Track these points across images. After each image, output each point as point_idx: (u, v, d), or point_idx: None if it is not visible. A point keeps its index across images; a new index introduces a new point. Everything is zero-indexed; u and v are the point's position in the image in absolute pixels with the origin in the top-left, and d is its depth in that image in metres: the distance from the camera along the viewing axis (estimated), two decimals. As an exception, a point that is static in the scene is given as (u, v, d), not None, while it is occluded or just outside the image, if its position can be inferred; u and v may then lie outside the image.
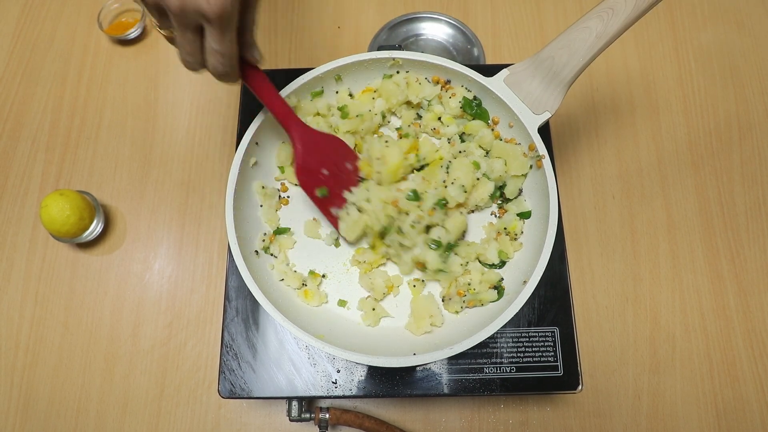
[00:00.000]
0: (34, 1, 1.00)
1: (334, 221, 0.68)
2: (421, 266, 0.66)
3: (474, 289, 0.65)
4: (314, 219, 0.71)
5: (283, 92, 0.68)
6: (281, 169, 0.72)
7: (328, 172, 0.66)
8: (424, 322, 0.63)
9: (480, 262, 0.67)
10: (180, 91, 0.93)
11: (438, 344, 0.61)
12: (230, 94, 0.93)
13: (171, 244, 0.84)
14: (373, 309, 0.65)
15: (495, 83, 0.67)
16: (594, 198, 0.86)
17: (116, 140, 0.90)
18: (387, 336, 0.65)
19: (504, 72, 0.68)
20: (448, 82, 0.71)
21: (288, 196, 0.72)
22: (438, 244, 0.64)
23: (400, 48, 0.81)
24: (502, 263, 0.67)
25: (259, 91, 0.62)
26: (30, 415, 0.76)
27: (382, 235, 0.66)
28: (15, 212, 0.86)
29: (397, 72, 0.72)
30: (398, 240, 0.65)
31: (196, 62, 0.55)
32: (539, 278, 0.59)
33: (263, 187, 0.69)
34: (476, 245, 0.67)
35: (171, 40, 0.57)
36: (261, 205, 0.70)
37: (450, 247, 0.66)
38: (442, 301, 0.66)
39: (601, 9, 0.62)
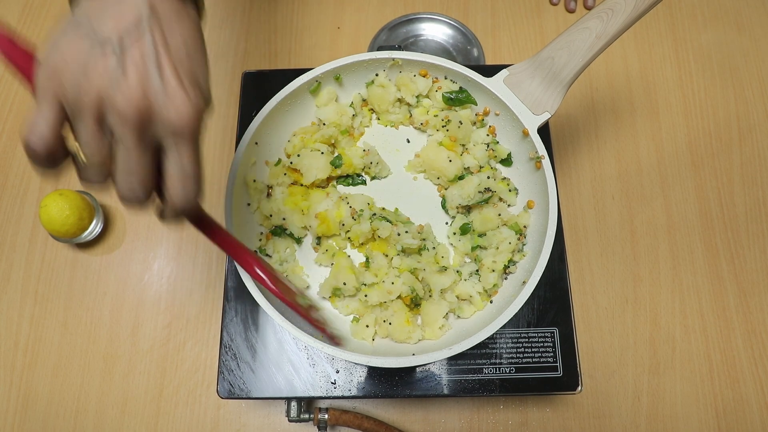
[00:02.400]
0: (34, 1, 1.00)
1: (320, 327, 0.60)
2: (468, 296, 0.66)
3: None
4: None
5: (281, 92, 0.68)
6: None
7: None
8: (435, 326, 0.63)
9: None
10: (180, 92, 0.93)
11: (437, 345, 0.61)
12: (230, 94, 0.93)
13: (170, 245, 0.84)
14: (367, 326, 0.64)
15: (494, 83, 0.67)
16: (593, 199, 0.86)
17: (116, 140, 0.90)
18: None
19: (504, 72, 0.68)
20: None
21: None
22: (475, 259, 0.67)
23: (399, 49, 0.81)
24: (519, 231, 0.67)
25: (206, 228, 0.50)
26: (29, 414, 0.76)
27: (416, 301, 0.65)
28: (14, 212, 0.86)
29: (377, 75, 0.72)
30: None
31: (146, 192, 0.39)
32: (539, 278, 0.59)
33: (255, 180, 0.69)
34: (499, 233, 0.67)
35: (88, 166, 0.38)
36: (251, 209, 0.70)
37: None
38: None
39: (600, 9, 0.62)
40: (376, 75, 0.72)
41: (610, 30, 0.62)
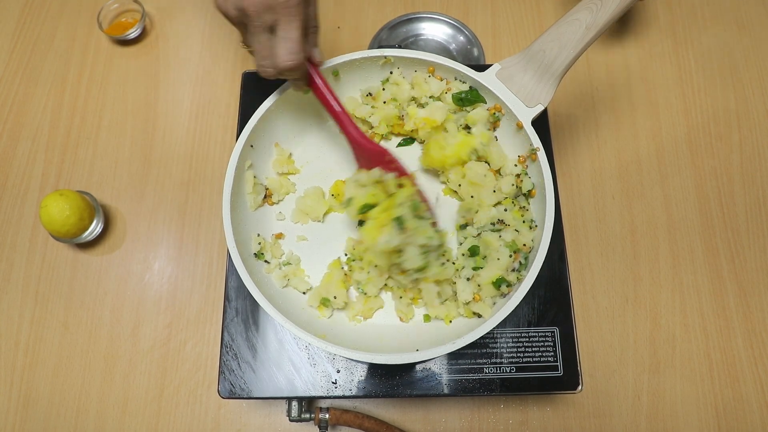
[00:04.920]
0: (34, 1, 1.00)
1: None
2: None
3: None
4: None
5: (273, 96, 0.68)
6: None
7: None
8: (452, 311, 0.64)
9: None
10: (180, 91, 0.93)
11: (440, 340, 0.61)
12: (230, 94, 0.93)
13: (171, 245, 0.84)
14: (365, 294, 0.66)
15: (487, 78, 0.67)
16: (594, 198, 0.86)
17: (116, 140, 0.90)
18: (388, 334, 0.65)
19: (496, 66, 0.68)
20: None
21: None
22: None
23: (399, 48, 0.81)
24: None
25: (320, 95, 0.64)
26: (30, 415, 0.76)
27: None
28: (15, 212, 0.86)
29: (391, 72, 0.72)
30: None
31: (271, 65, 0.57)
32: (540, 265, 0.59)
33: (255, 177, 0.69)
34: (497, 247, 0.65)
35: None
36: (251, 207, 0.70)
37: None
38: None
39: (590, 0, 0.63)
40: (391, 73, 0.72)
41: (599, 21, 0.62)
